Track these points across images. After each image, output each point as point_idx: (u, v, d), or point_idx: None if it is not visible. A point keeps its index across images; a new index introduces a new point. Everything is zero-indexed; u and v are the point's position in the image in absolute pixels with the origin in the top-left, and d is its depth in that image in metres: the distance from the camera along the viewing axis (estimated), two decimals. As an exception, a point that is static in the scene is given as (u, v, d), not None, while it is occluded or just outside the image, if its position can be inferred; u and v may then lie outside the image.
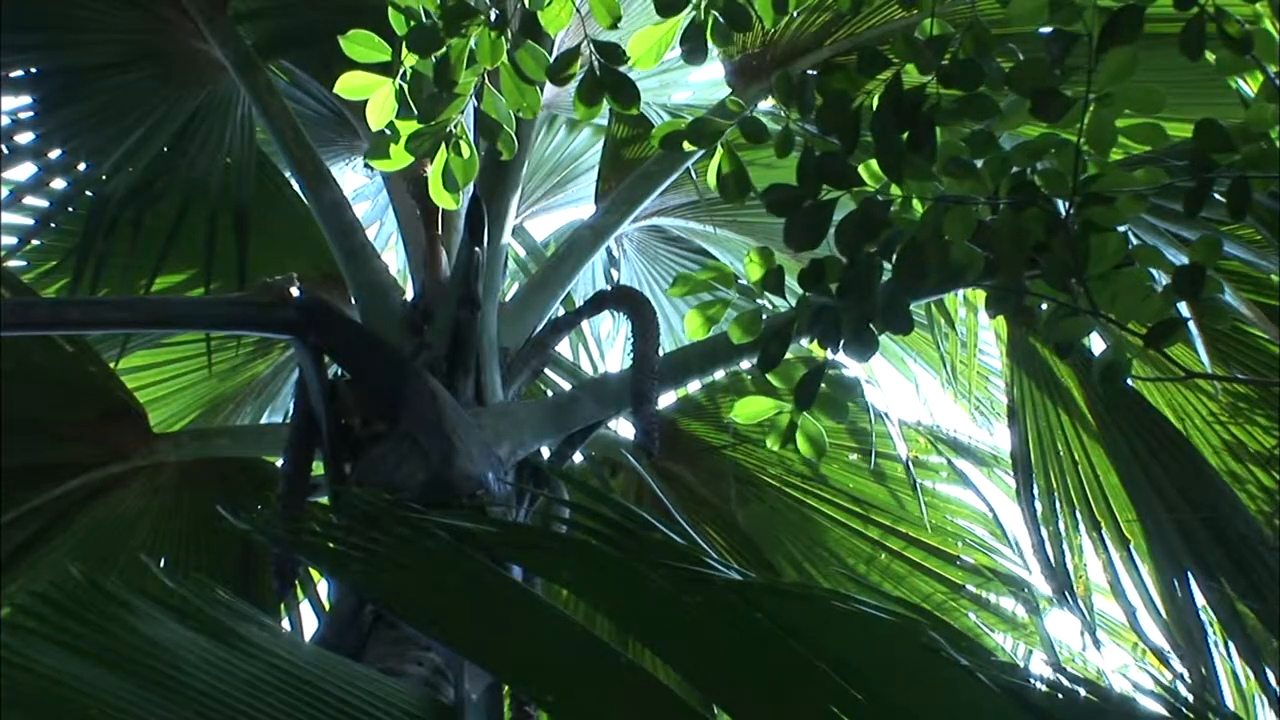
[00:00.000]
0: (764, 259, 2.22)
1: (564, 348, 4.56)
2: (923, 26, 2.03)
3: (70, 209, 4.01)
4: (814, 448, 2.36)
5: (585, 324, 4.85)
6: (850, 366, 3.80)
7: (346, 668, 1.86)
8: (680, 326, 4.90)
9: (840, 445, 4.05)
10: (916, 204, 2.03)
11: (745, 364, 3.92)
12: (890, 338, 4.63)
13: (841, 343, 2.11)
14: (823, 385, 2.28)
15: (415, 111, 2.29)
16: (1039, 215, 1.96)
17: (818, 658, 1.32)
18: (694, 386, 4.25)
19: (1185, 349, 3.32)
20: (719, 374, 4.04)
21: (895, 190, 2.04)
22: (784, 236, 2.08)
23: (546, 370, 4.03)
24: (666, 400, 4.29)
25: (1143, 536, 3.55)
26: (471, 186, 3.08)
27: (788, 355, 2.24)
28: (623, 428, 4.10)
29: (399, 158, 2.36)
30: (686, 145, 2.21)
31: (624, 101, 2.25)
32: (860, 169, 2.06)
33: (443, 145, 2.36)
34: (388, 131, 2.32)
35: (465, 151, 2.38)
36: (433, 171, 2.39)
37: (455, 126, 2.34)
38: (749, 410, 2.40)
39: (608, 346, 5.41)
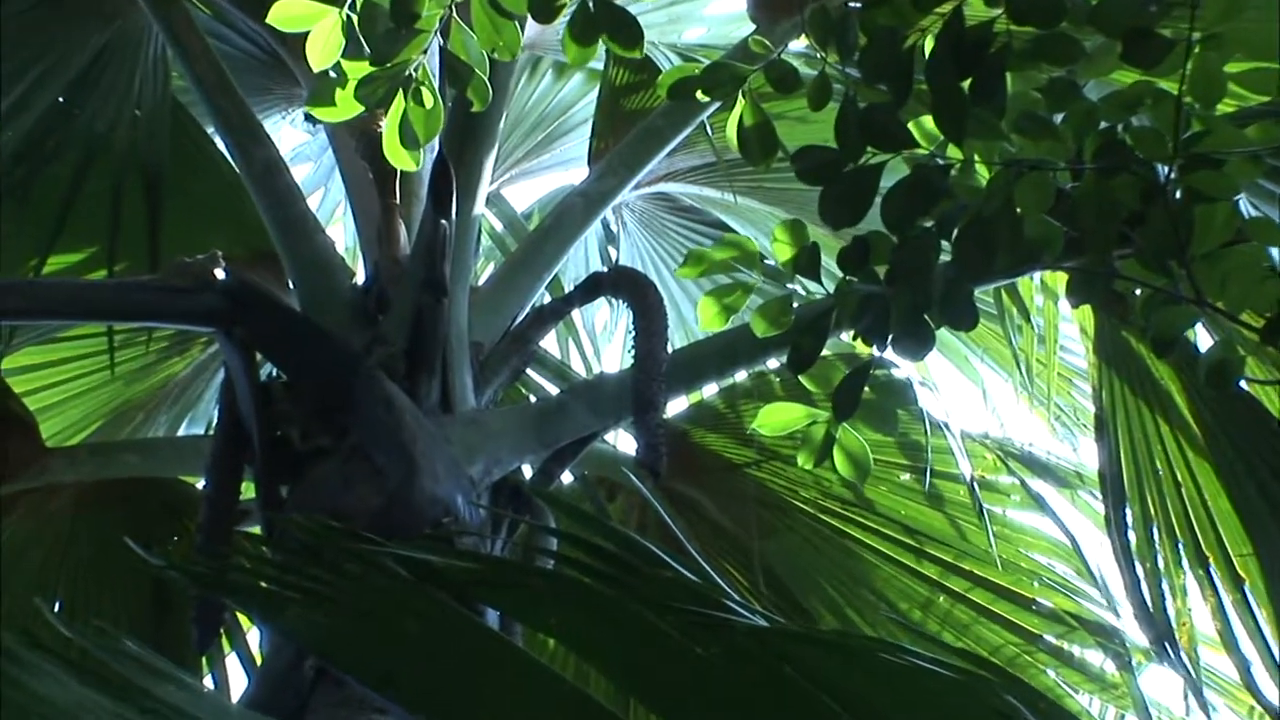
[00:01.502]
0: (795, 235, 2.24)
1: (550, 343, 4.59)
2: (989, -52, 2.01)
3: (-60, 172, 4.01)
4: (856, 466, 2.39)
5: (576, 313, 4.79)
6: (901, 366, 3.91)
7: (283, 735, 1.85)
8: (692, 316, 4.92)
9: (889, 463, 4.06)
10: (982, 169, 2.04)
11: (772, 363, 3.94)
12: (950, 332, 4.63)
13: (890, 338, 2.13)
14: (867, 389, 2.29)
15: (367, 50, 2.29)
16: (1132, 182, 1.97)
17: (862, 723, 1.33)
18: (710, 390, 4.27)
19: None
20: (740, 375, 4.06)
21: (955, 152, 2.05)
22: (819, 208, 2.09)
23: (529, 370, 4.05)
24: (676, 407, 4.32)
25: (1260, 575, 3.57)
26: (436, 144, 3.13)
27: (824, 353, 2.27)
28: (623, 441, 4.13)
29: (347, 107, 2.36)
30: (700, 95, 2.23)
31: (624, 41, 2.25)
32: (912, 126, 2.07)
33: (401, 92, 2.36)
34: (333, 75, 2.33)
35: (428, 101, 2.38)
36: (389, 125, 2.39)
37: (416, 70, 2.34)
38: (777, 420, 2.43)
39: (604, 342, 5.46)
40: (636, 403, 3.27)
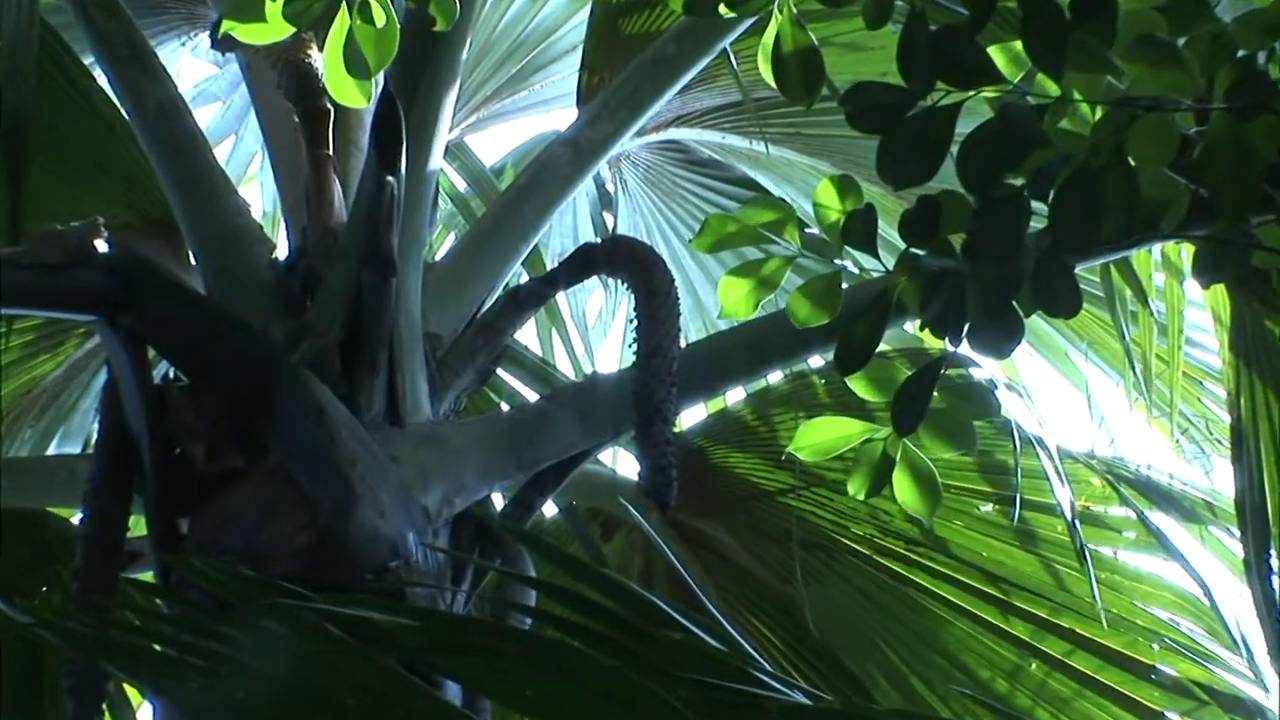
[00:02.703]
0: (844, 195, 2.25)
1: (528, 334, 4.62)
2: None
3: None
4: (923, 495, 2.41)
5: (562, 298, 4.83)
6: (982, 366, 3.76)
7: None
8: (712, 301, 4.90)
9: (965, 490, 4.08)
10: (1085, 109, 2.05)
11: (816, 361, 3.95)
12: (1045, 320, 4.65)
13: (968, 328, 2.14)
14: (937, 396, 2.29)
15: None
16: (1276, 126, 1.96)
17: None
18: (735, 396, 4.26)
19: None
20: (774, 377, 4.06)
21: (1052, 87, 2.05)
22: (878, 161, 2.09)
23: (500, 371, 4.04)
24: (691, 418, 4.34)
25: None
26: (382, 77, 3.08)
27: (881, 347, 2.26)
28: (622, 462, 4.16)
29: (274, 28, 2.38)
30: (724, 10, 2.22)
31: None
32: (996, 53, 2.07)
33: (343, 8, 2.36)
34: (251, -13, 2.35)
35: (380, 17, 2.37)
36: (329, 51, 2.39)
37: (361, -20, 2.38)
38: (821, 437, 2.46)
39: (598, 335, 5.46)
40: (639, 412, 3.25)
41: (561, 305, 5.13)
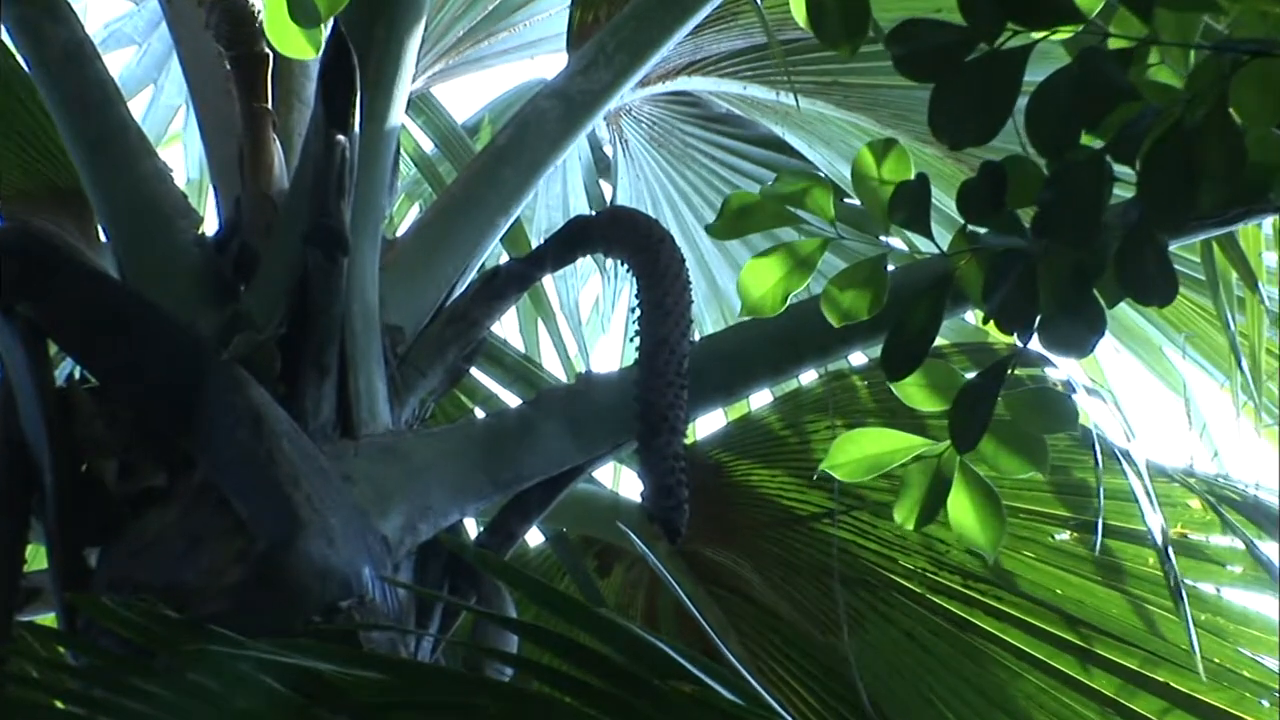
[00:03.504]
0: (891, 159, 2.26)
1: (509, 327, 4.74)
2: None
3: None
4: (986, 522, 2.42)
5: (549, 281, 4.81)
6: (1058, 365, 3.90)
7: None
8: (732, 287, 4.86)
9: (1037, 516, 4.06)
10: (1179, 55, 2.05)
11: (857, 358, 3.95)
12: (1134, 308, 4.67)
13: (1040, 319, 2.15)
14: (1002, 403, 2.28)
15: None
16: None
17: None
18: (761, 400, 4.26)
19: None
20: (807, 377, 4.05)
21: (1137, 26, 2.05)
22: (931, 116, 2.10)
23: (474, 371, 4.05)
24: (707, 426, 4.36)
25: None
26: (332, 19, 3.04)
27: (938, 341, 2.28)
28: (624, 480, 4.15)
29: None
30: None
31: None
32: (1073, -13, 2.06)
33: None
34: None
35: (330, -52, 2.41)
36: (268, -14, 2.42)
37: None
38: (863, 450, 2.49)
39: (593, 328, 5.48)
40: (643, 421, 3.24)
41: (549, 291, 5.09)
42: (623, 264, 3.64)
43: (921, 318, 2.23)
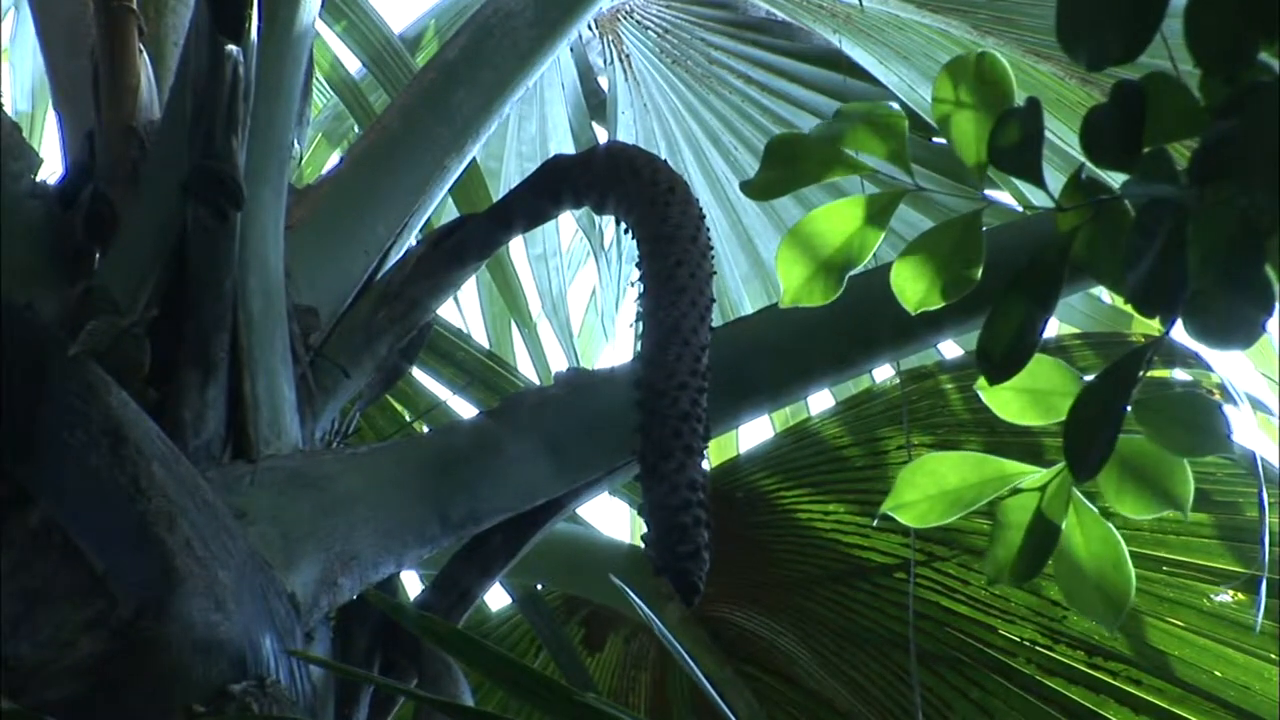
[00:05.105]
0: (992, 81, 2.15)
1: (470, 310, 4.67)
2: None
3: None
4: (1107, 580, 2.30)
5: (520, 241, 4.59)
6: (1213, 364, 3.74)
7: None
8: (771, 259, 4.63)
9: (1187, 568, 3.75)
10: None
11: (950, 348, 3.83)
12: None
13: (1191, 299, 1.91)
14: (1133, 413, 2.18)
15: None
16: None
17: None
18: (820, 404, 4.18)
19: None
20: (881, 373, 3.89)
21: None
22: (1059, 23, 1.93)
23: (415, 369, 3.95)
24: (744, 441, 4.31)
25: None
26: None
27: (1051, 329, 2.24)
28: (617, 517, 4.10)
29: None
30: None
31: None
32: None
33: None
34: None
35: None
36: None
37: None
38: (944, 479, 2.37)
39: (577, 311, 5.54)
40: (647, 437, 2.99)
41: (518, 261, 4.96)
42: (618, 221, 3.42)
43: (1029, 301, 2.06)
